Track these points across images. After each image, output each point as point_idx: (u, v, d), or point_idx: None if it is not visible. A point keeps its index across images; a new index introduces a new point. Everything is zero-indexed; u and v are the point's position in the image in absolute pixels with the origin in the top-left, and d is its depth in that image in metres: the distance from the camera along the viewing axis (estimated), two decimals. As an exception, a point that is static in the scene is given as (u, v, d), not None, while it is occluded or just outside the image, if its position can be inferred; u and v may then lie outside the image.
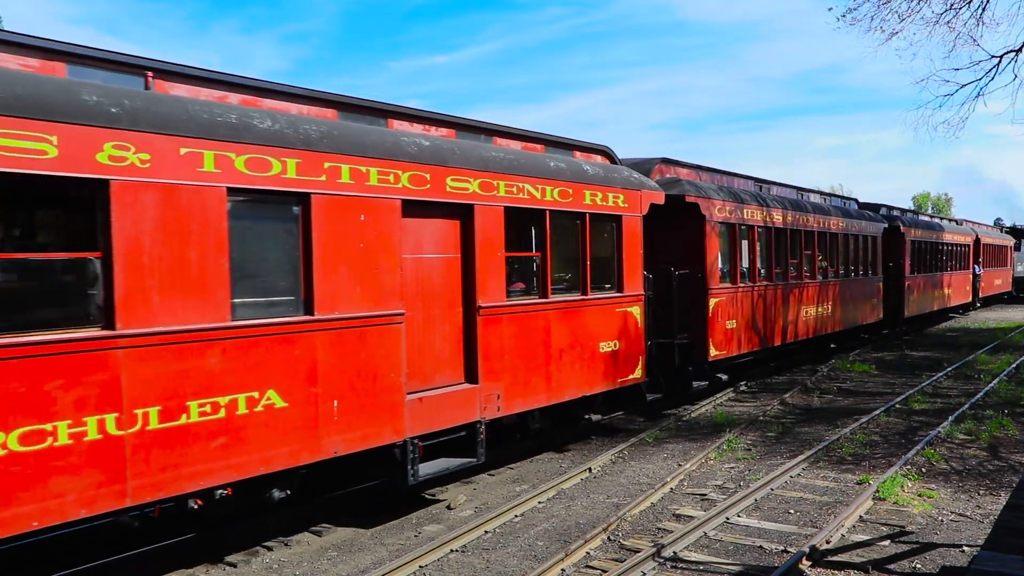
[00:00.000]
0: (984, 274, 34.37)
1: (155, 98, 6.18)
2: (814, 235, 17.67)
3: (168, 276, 6.02)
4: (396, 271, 7.74)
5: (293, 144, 6.83)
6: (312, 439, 6.98)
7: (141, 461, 5.82)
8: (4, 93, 5.18)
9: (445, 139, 8.78)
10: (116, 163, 5.71)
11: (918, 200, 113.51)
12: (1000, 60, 14.35)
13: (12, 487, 5.17)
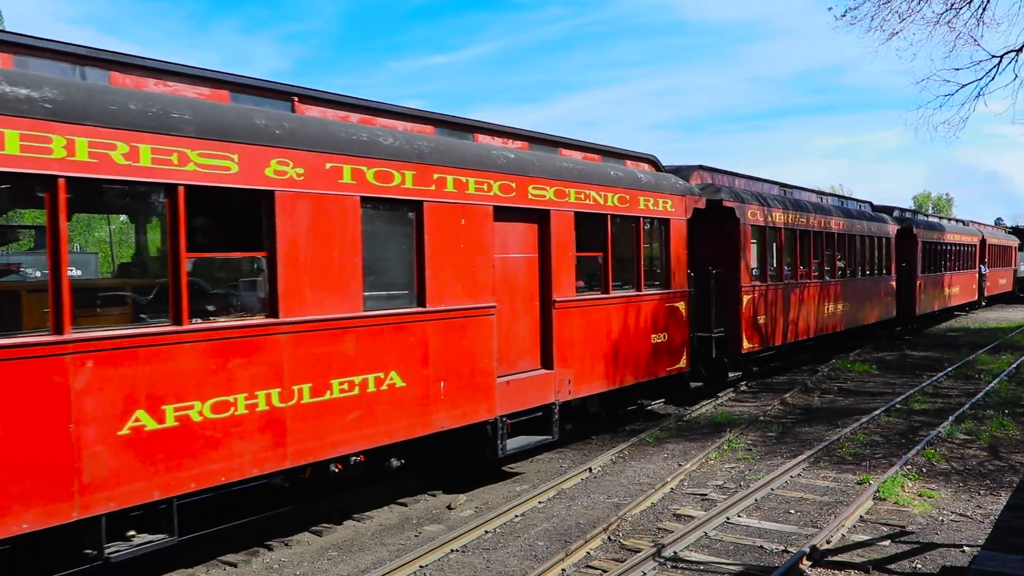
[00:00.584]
0: (990, 274, 35.20)
1: (304, 120, 7.24)
2: (834, 237, 18.62)
3: (317, 273, 7.07)
4: (489, 269, 8.86)
5: (410, 158, 7.91)
6: (424, 415, 8.08)
7: (298, 430, 6.88)
8: (204, 120, 6.28)
9: (524, 151, 9.90)
10: (279, 176, 6.75)
11: (919, 200, 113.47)
12: (1000, 60, 14.35)
13: (207, 447, 6.25)
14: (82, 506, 5.55)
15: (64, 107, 5.48)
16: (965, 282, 30.89)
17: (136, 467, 5.84)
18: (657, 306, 11.78)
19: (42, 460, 5.36)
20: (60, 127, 5.43)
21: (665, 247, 12.05)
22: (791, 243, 16.62)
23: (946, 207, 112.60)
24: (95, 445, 5.63)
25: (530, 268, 9.65)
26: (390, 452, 8.08)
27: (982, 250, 33.77)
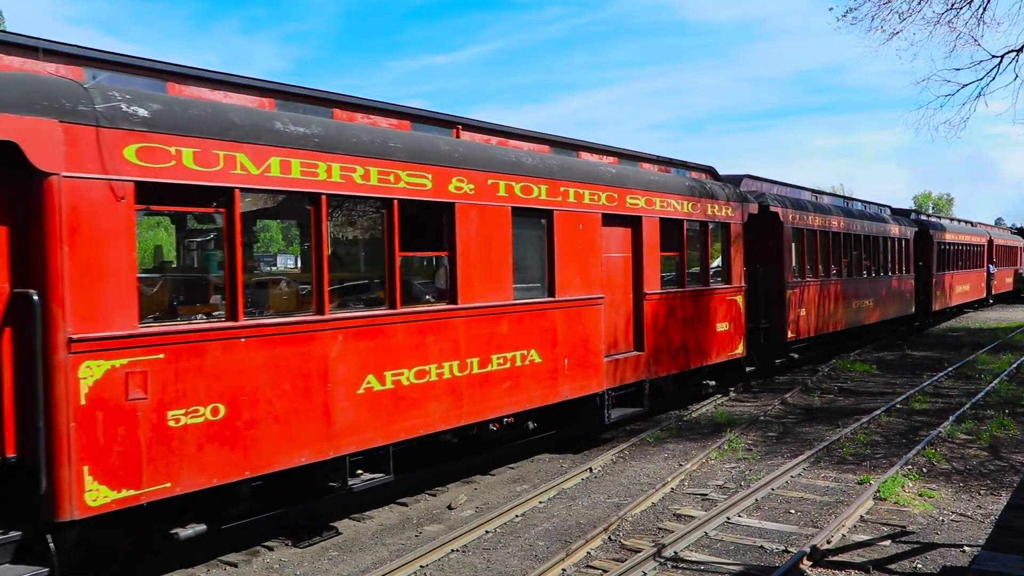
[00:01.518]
0: (997, 272, 36.75)
1: (471, 145, 9.08)
2: (861, 238, 20.44)
3: (482, 269, 8.79)
4: (599, 266, 10.58)
5: (544, 174, 9.70)
6: (554, 386, 9.84)
7: (469, 395, 8.62)
8: (409, 147, 8.03)
9: (618, 165, 11.69)
10: (457, 191, 8.47)
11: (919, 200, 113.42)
12: (1001, 60, 14.34)
13: (412, 406, 7.95)
14: (335, 448, 7.24)
15: (325, 141, 7.20)
16: (975, 280, 32.50)
17: (367, 419, 7.53)
18: (720, 299, 13.54)
19: (313, 411, 7.04)
20: (323, 156, 7.12)
21: (726, 248, 13.79)
22: (824, 244, 18.20)
23: (946, 207, 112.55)
24: (342, 401, 7.30)
25: (626, 265, 11.42)
26: (528, 416, 9.91)
27: (990, 250, 35.23)
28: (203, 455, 6.24)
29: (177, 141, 6.12)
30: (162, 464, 5.97)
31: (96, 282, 5.68)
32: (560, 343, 9.88)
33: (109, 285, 5.75)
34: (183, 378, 6.13)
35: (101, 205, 5.71)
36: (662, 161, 13.03)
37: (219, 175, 6.38)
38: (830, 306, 18.34)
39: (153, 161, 5.99)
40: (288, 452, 6.83)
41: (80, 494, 5.53)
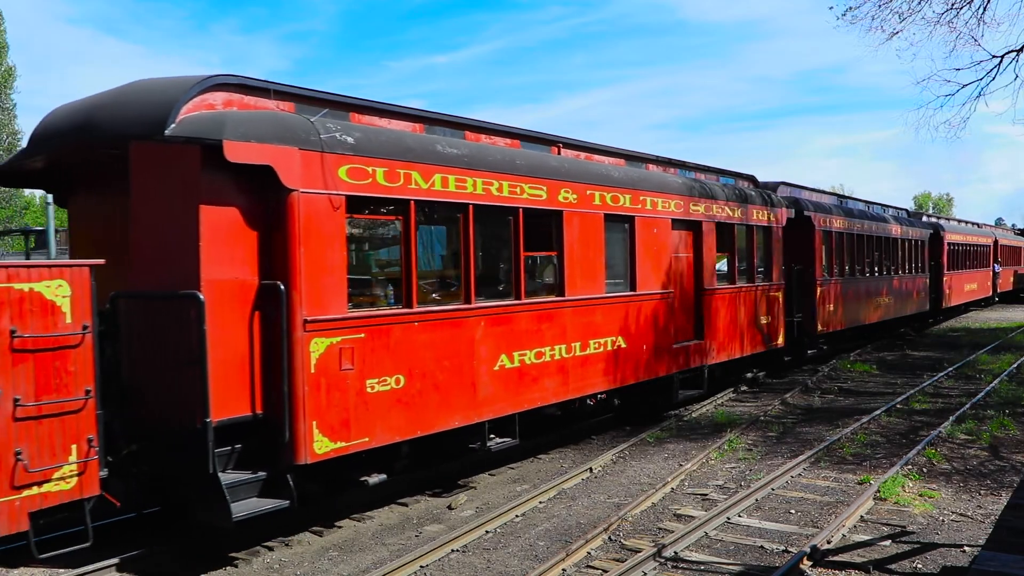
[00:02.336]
0: (1002, 272, 38.40)
1: (572, 160, 10.74)
2: (883, 240, 22.19)
3: (582, 266, 10.32)
4: (669, 265, 12.19)
5: (627, 185, 11.25)
6: (636, 368, 11.38)
7: (573, 374, 10.20)
8: (529, 164, 9.56)
9: (682, 176, 13.26)
10: (564, 201, 10.05)
11: (919, 200, 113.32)
12: (1001, 60, 14.34)
13: (532, 381, 9.52)
14: (478, 414, 8.77)
15: (471, 160, 8.71)
16: (982, 279, 34.41)
17: (500, 392, 9.03)
18: (764, 295, 15.10)
19: (463, 383, 8.60)
20: (470, 172, 8.62)
21: (768, 248, 15.31)
22: (850, 246, 19.87)
23: (946, 207, 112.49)
24: (483, 376, 8.82)
25: (688, 264, 12.93)
26: (616, 393, 11.58)
27: (995, 250, 36.97)
28: (389, 416, 7.76)
29: (373, 162, 7.63)
30: (363, 422, 7.47)
31: (321, 275, 7.13)
32: (640, 331, 11.51)
33: (329, 278, 7.22)
34: (376, 353, 7.63)
35: (324, 214, 7.18)
36: (712, 170, 14.82)
37: (400, 189, 7.89)
38: (855, 302, 20.05)
39: (357, 179, 7.50)
40: (446, 417, 8.39)
41: (311, 443, 6.98)
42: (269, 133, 6.80)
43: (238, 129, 6.64)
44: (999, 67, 14.35)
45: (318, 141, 7.14)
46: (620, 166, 11.77)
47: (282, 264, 6.93)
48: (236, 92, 7.17)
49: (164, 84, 7.05)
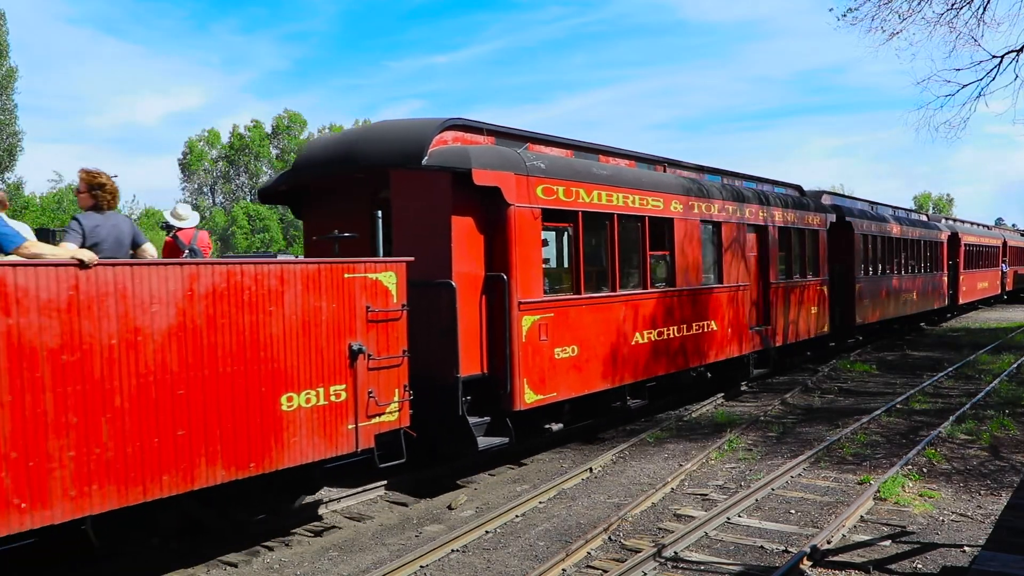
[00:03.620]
0: (1010, 271, 40.97)
1: (677, 178, 12.95)
2: (910, 242, 24.49)
3: (686, 263, 12.61)
4: (745, 262, 14.51)
5: (715, 196, 13.69)
6: (723, 348, 13.76)
7: (681, 351, 12.50)
8: (652, 181, 12.00)
9: (749, 186, 15.67)
10: (673, 209, 12.30)
11: (919, 200, 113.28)
12: (1001, 60, 14.34)
13: (654, 355, 11.73)
14: (621, 380, 11.13)
15: (614, 179, 11.13)
16: (992, 278, 37.02)
17: (635, 362, 11.40)
18: (814, 288, 17.39)
19: (612, 354, 10.82)
20: (614, 189, 11.03)
21: (816, 249, 17.58)
22: (883, 247, 21.99)
23: (946, 207, 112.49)
24: (624, 348, 11.07)
25: (757, 261, 15.13)
26: (708, 368, 13.75)
27: (1004, 251, 39.60)
28: (568, 377, 10.06)
29: (557, 183, 9.97)
30: (552, 381, 9.75)
31: (527, 269, 9.43)
32: (726, 317, 13.73)
33: (532, 270, 9.52)
34: (560, 328, 9.89)
35: (528, 223, 9.53)
36: (768, 181, 16.98)
37: (573, 203, 10.21)
38: (887, 298, 22.37)
39: (548, 195, 9.82)
40: (601, 380, 10.69)
41: (523, 395, 9.31)
42: (496, 162, 9.22)
43: (480, 160, 9.01)
44: (999, 67, 14.36)
45: (524, 167, 9.51)
46: (701, 179, 14.06)
47: (502, 260, 9.29)
48: (459, 131, 9.46)
49: (412, 124, 9.46)
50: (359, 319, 7.40)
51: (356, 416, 7.37)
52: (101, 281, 5.69)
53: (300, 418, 6.92)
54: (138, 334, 5.88)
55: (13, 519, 5.20)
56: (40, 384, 5.35)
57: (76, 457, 5.52)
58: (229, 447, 6.40)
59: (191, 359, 6.17)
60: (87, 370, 5.59)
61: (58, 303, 5.45)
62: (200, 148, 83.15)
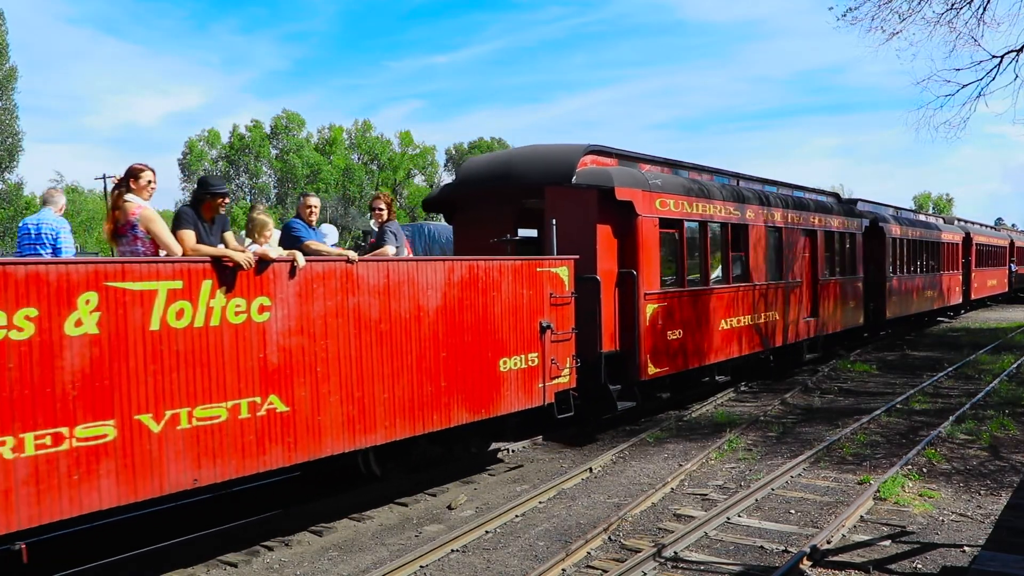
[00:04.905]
0: (1017, 270, 43.47)
1: (748, 188, 15.16)
2: (931, 244, 26.66)
3: (757, 262, 14.65)
4: (799, 261, 16.44)
5: (777, 205, 15.68)
6: (784, 334, 15.91)
7: (750, 336, 14.47)
8: (731, 193, 13.99)
9: (800, 195, 17.74)
10: (748, 216, 14.33)
11: (919, 200, 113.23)
12: (1001, 60, 14.34)
13: (735, 339, 13.91)
14: (713, 358, 13.43)
15: (706, 192, 13.25)
16: (1000, 276, 39.51)
17: (721, 344, 13.55)
18: (852, 285, 19.48)
19: (706, 336, 13.12)
20: (706, 201, 13.14)
21: (854, 251, 19.66)
22: (909, 249, 24.20)
23: (947, 207, 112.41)
24: (714, 333, 13.37)
25: (808, 260, 17.15)
26: (771, 352, 15.85)
27: (1011, 250, 42.19)
28: (675, 356, 12.32)
29: (669, 197, 12.16)
30: (665, 358, 12.05)
31: (649, 266, 11.65)
32: (786, 308, 15.82)
33: (652, 267, 11.74)
34: (670, 315, 12.15)
35: (650, 230, 11.71)
36: (811, 190, 19.00)
37: (678, 213, 12.38)
38: (913, 294, 24.69)
39: (663, 207, 12.02)
40: (699, 359, 12.95)
41: (647, 368, 11.60)
42: (630, 181, 11.51)
43: (619, 179, 11.26)
44: (999, 67, 14.36)
45: (648, 185, 11.75)
46: (763, 189, 16.12)
47: (631, 259, 11.47)
48: (595, 154, 11.70)
49: (561, 149, 11.71)
50: (546, 302, 9.72)
51: (544, 377, 9.69)
52: (401, 272, 7.92)
53: (511, 377, 9.25)
54: (420, 311, 8.08)
55: (358, 439, 7.48)
56: (368, 345, 7.54)
57: (387, 399, 7.71)
58: (469, 397, 8.66)
59: (448, 329, 8.41)
60: (394, 336, 7.81)
61: (379, 287, 7.66)
62: (200, 148, 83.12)
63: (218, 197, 6.89)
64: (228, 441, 6.39)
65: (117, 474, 5.71)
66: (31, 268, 5.38)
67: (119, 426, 5.72)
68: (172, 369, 6.04)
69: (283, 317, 6.82)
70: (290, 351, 6.86)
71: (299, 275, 6.93)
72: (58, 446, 5.43)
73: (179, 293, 6.09)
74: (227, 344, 6.41)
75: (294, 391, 6.87)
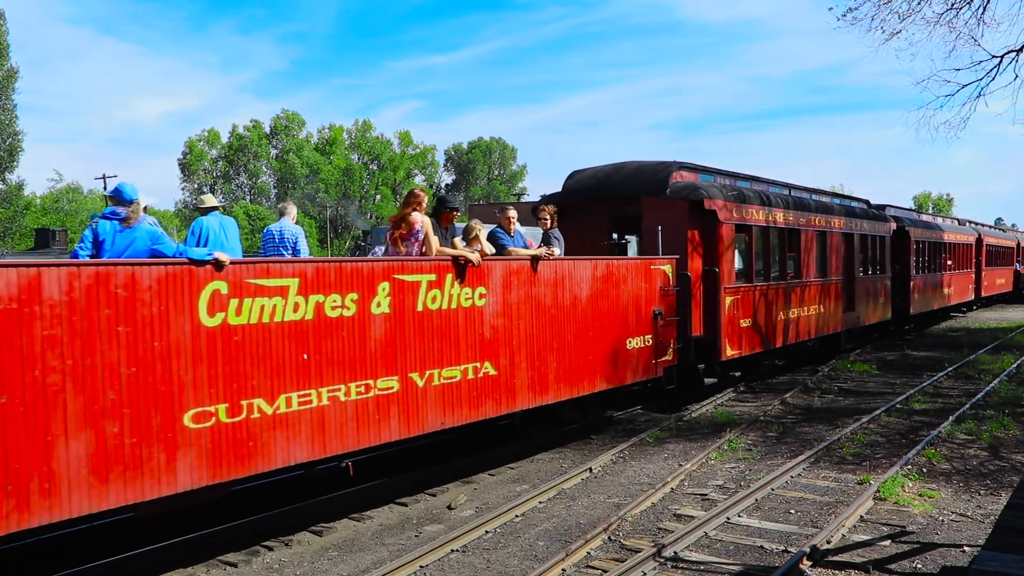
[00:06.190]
0: (1022, 270, 45.45)
1: (799, 197, 17.28)
2: (948, 245, 28.72)
3: (808, 261, 16.64)
4: (838, 261, 18.32)
5: (822, 212, 17.73)
6: (827, 326, 17.79)
7: (804, 325, 16.64)
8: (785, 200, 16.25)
9: (838, 202, 19.81)
10: (798, 221, 16.32)
11: (919, 200, 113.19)
12: (1001, 60, 14.35)
13: (792, 328, 16.08)
14: (771, 346, 15.21)
15: (765, 201, 15.17)
16: (1007, 276, 41.74)
17: (781, 332, 15.46)
18: (882, 283, 21.55)
19: (772, 324, 15.07)
20: (764, 208, 15.01)
21: (883, 252, 21.65)
22: (930, 250, 26.32)
23: (946, 207, 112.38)
24: (776, 323, 15.29)
25: (844, 260, 18.74)
26: (817, 341, 17.69)
27: (1017, 251, 44.41)
28: (744, 340, 14.10)
29: (741, 205, 14.19)
30: (739, 342, 13.95)
31: (728, 264, 13.61)
32: (829, 301, 17.66)
33: (730, 266, 13.67)
34: (742, 306, 14.03)
35: (728, 234, 13.58)
36: (845, 196, 21.42)
37: (748, 219, 14.35)
38: (934, 291, 26.82)
39: (737, 214, 13.98)
40: (763, 344, 14.80)
41: (725, 350, 13.50)
42: (715, 193, 13.54)
43: (707, 192, 13.37)
44: (999, 67, 14.36)
45: (727, 195, 13.81)
46: (809, 197, 17.94)
47: (714, 259, 13.39)
48: (682, 169, 13.81)
49: (655, 165, 13.98)
50: (657, 294, 11.82)
51: (655, 355, 11.84)
52: (563, 269, 10.07)
53: (635, 354, 11.39)
54: (575, 299, 10.25)
55: (538, 398, 9.71)
56: (543, 325, 9.73)
57: (556, 368, 9.92)
58: (609, 368, 10.84)
59: (593, 314, 10.53)
60: (559, 318, 9.96)
61: (550, 280, 9.85)
62: (200, 148, 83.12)
63: (452, 211, 9.29)
64: (461, 395, 8.59)
65: (399, 416, 7.83)
66: (354, 265, 7.48)
67: (400, 381, 7.84)
68: (429, 340, 8.16)
69: (493, 302, 9.00)
70: (497, 329, 9.05)
71: (503, 270, 9.15)
72: (367, 394, 7.52)
73: (433, 284, 8.21)
74: (461, 322, 8.57)
75: (499, 359, 9.09)
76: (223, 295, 6.38)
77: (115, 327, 5.74)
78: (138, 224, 6.49)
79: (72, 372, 5.49)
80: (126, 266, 5.90)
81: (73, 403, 5.49)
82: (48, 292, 5.42)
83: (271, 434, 6.71)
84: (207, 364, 6.26)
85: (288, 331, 6.84)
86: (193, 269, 6.22)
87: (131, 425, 5.81)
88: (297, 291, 6.89)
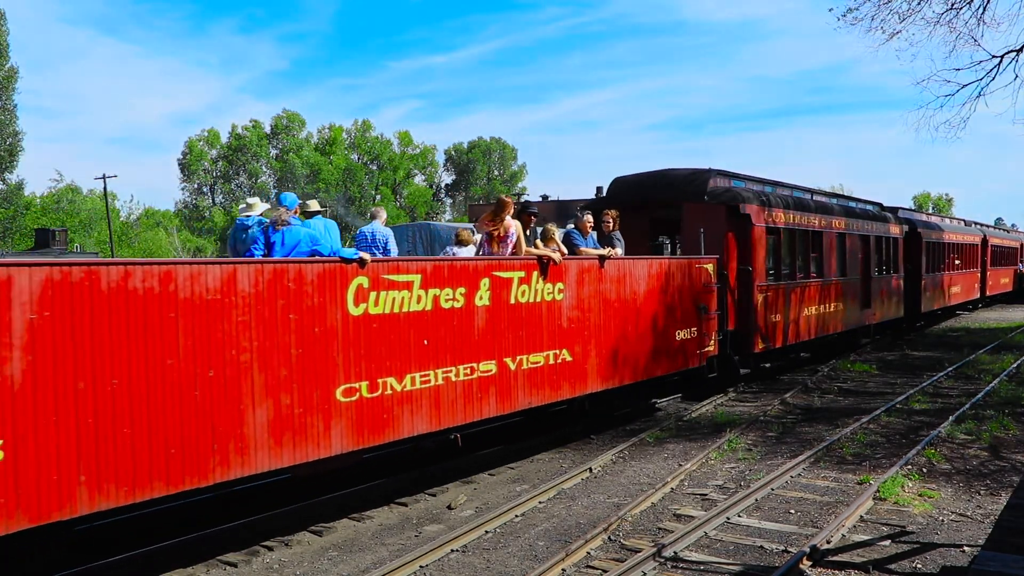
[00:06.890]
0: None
1: (821, 202, 18.68)
2: (956, 246, 29.85)
3: (829, 261, 17.78)
4: (855, 261, 19.32)
5: (841, 215, 18.68)
6: (846, 321, 18.86)
7: (822, 322, 17.39)
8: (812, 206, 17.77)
9: (854, 206, 20.87)
10: (820, 224, 17.37)
11: (919, 200, 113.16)
12: (1001, 60, 14.36)
13: (812, 324, 17.13)
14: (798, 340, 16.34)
15: (791, 205, 16.31)
16: (1010, 275, 42.60)
17: (803, 328, 16.40)
18: (895, 282, 22.55)
19: (793, 321, 15.99)
20: (790, 212, 15.98)
21: (896, 253, 22.64)
22: (939, 251, 27.36)
23: (946, 207, 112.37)
24: (801, 318, 16.34)
25: (861, 260, 19.82)
26: (835, 336, 18.71)
27: (1021, 252, 45.59)
28: (778, 333, 15.27)
29: (772, 209, 15.18)
30: (771, 335, 15.01)
31: (760, 264, 14.57)
32: (847, 299, 18.72)
33: (761, 265, 14.64)
34: (773, 302, 15.00)
35: (760, 236, 14.58)
36: (860, 200, 22.09)
37: (777, 221, 15.27)
38: (943, 290, 27.98)
39: (768, 218, 14.94)
40: (790, 338, 15.86)
41: (758, 343, 14.58)
42: (751, 198, 14.66)
43: (742, 197, 14.45)
44: (999, 67, 14.38)
45: (760, 200, 14.87)
46: (829, 201, 19.20)
47: (748, 258, 14.30)
48: (718, 176, 14.77)
49: (693, 172, 14.91)
50: (700, 290, 12.75)
51: (700, 346, 12.79)
52: (624, 267, 11.16)
53: (683, 345, 12.40)
54: (634, 294, 11.28)
55: (606, 383, 10.81)
56: (608, 317, 10.77)
57: (619, 356, 10.97)
58: (662, 357, 11.90)
59: (649, 307, 11.60)
60: (621, 311, 11.04)
61: (614, 277, 10.89)
62: (200, 148, 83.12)
63: (533, 215, 10.40)
64: (544, 379, 9.67)
65: (496, 395, 8.96)
66: (462, 264, 8.65)
67: (497, 365, 8.95)
68: (519, 329, 9.22)
69: (569, 296, 10.05)
70: (572, 320, 10.09)
71: (576, 268, 10.19)
72: (472, 375, 8.63)
73: (522, 279, 9.31)
74: (544, 314, 9.66)
75: (574, 347, 10.13)
76: (365, 288, 7.47)
77: (287, 315, 6.81)
78: (299, 226, 7.62)
79: (258, 351, 6.57)
80: (295, 264, 6.97)
81: (258, 378, 6.57)
82: (241, 285, 6.47)
83: (400, 408, 7.85)
84: (353, 347, 7.37)
85: (412, 320, 7.95)
86: (343, 266, 7.31)
87: (299, 397, 6.89)
88: (420, 285, 8.00)
